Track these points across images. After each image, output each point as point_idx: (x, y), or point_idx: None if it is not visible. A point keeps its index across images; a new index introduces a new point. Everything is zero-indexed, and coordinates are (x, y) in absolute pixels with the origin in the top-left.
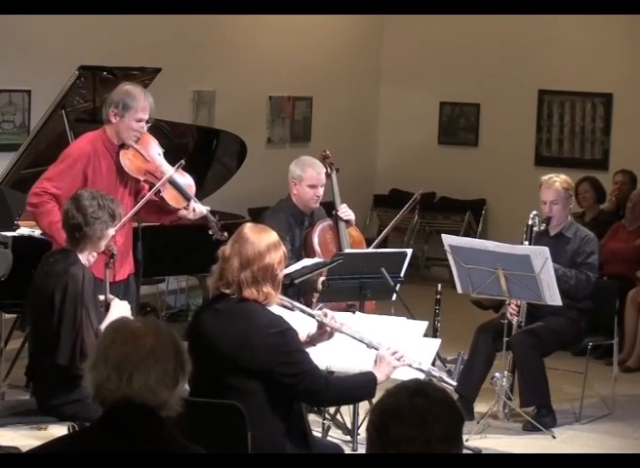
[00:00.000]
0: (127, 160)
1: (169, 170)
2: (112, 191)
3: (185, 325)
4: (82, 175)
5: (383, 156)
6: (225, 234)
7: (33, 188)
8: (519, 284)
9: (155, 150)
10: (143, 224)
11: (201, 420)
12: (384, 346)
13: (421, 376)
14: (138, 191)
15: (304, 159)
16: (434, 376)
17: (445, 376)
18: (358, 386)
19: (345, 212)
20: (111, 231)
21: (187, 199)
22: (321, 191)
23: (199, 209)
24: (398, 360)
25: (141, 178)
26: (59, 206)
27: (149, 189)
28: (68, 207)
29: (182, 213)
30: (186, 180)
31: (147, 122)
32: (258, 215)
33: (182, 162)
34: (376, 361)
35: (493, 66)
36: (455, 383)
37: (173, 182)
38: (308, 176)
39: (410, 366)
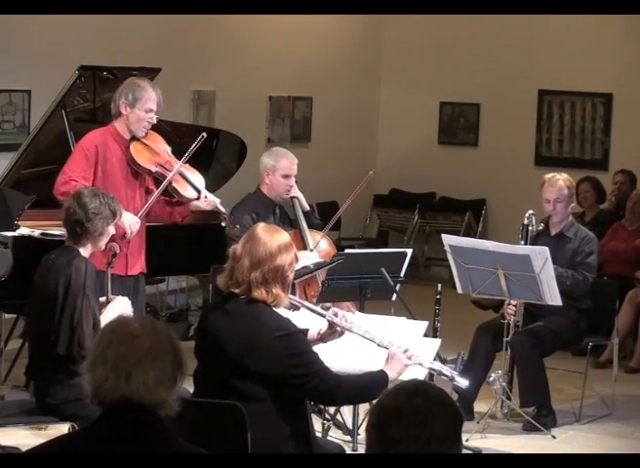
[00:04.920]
0: (137, 151)
1: (178, 162)
2: (125, 184)
3: (185, 325)
4: (94, 166)
5: (383, 156)
6: (238, 226)
7: (57, 181)
8: (519, 284)
9: (163, 146)
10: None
11: (201, 420)
12: (395, 345)
13: (433, 375)
14: (148, 190)
15: (277, 150)
16: (446, 376)
17: (457, 375)
18: (370, 384)
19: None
20: (112, 229)
21: (198, 190)
22: (293, 181)
23: (211, 197)
24: (409, 358)
25: (153, 170)
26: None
27: (157, 187)
28: (70, 203)
29: (195, 203)
30: (195, 174)
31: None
32: None
33: (204, 134)
34: (387, 359)
35: (493, 66)
36: (467, 383)
37: (183, 175)
38: (282, 166)
39: (421, 364)
